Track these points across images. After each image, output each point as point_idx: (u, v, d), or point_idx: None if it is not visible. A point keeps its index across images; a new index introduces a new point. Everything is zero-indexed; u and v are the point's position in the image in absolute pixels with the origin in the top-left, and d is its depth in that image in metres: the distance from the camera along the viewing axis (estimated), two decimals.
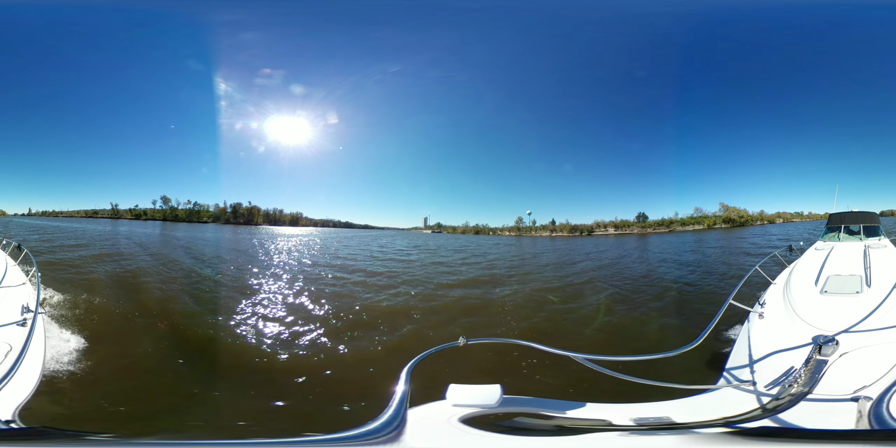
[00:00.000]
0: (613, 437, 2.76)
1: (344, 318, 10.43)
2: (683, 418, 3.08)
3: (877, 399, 2.82)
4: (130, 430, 5.47)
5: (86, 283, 12.75)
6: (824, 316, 4.86)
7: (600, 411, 3.22)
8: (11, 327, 5.27)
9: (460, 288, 15.03)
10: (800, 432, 2.89)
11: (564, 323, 10.72)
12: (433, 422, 2.82)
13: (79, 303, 9.93)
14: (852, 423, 2.84)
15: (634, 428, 2.94)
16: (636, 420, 3.06)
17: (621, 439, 2.75)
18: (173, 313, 10.41)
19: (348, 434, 2.52)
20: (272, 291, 13.53)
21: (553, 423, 3.03)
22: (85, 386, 6.27)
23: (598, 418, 3.10)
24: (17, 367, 4.08)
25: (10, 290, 6.55)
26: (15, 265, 7.92)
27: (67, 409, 5.64)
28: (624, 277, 17.16)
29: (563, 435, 2.88)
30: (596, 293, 13.91)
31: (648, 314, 11.25)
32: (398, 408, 2.72)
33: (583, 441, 2.75)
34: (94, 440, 2.90)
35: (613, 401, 3.37)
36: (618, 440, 2.74)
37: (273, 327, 9.75)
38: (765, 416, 2.96)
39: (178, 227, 43.23)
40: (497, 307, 11.96)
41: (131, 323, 9.51)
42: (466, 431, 2.74)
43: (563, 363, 3.70)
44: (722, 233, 40.80)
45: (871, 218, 9.22)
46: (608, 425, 3.00)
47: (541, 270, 20.78)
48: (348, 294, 13.32)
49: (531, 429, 2.92)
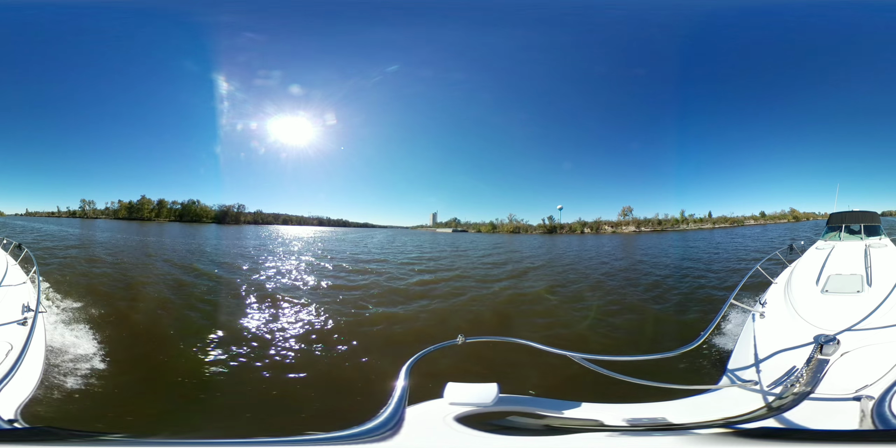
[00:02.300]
0: (602, 438, 2.77)
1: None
2: (683, 419, 3.08)
3: (879, 398, 2.82)
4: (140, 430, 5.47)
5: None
6: (825, 315, 4.85)
7: (595, 411, 3.23)
8: (12, 326, 5.27)
9: None
10: (800, 433, 2.89)
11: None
12: (429, 420, 2.85)
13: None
14: (856, 423, 2.83)
15: (628, 428, 2.95)
16: (631, 420, 3.07)
17: (610, 439, 2.77)
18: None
19: (347, 432, 2.54)
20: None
21: (543, 423, 3.05)
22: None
23: (590, 418, 3.12)
24: (17, 366, 4.07)
25: (11, 289, 6.55)
26: (15, 265, 7.92)
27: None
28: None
29: (553, 434, 2.90)
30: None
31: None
32: (397, 406, 2.75)
33: (572, 441, 2.77)
34: (105, 440, 2.91)
35: (613, 401, 3.37)
36: (606, 440, 2.76)
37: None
38: (767, 416, 2.95)
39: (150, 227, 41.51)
40: None
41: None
42: (460, 431, 2.77)
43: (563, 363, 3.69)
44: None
45: (871, 217, 9.23)
46: (599, 425, 3.01)
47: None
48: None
49: (523, 428, 2.94)
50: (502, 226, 48.86)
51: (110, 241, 27.54)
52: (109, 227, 38.39)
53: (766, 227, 43.70)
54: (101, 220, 45.48)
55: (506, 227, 48.51)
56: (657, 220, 44.64)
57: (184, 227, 43.54)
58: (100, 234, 32.31)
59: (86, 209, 46.35)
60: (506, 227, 48.51)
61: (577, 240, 40.38)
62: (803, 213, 45.11)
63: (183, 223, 46.81)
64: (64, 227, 35.57)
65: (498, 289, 14.65)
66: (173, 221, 47.58)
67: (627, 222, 44.73)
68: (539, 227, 47.01)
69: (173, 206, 48.56)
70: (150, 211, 47.77)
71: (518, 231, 47.62)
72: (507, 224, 48.49)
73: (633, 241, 37.00)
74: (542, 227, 46.89)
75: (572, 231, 46.03)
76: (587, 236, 44.18)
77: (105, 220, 45.70)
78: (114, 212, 47.32)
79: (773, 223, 45.24)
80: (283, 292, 13.00)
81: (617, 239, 39.69)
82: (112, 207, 47.33)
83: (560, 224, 46.51)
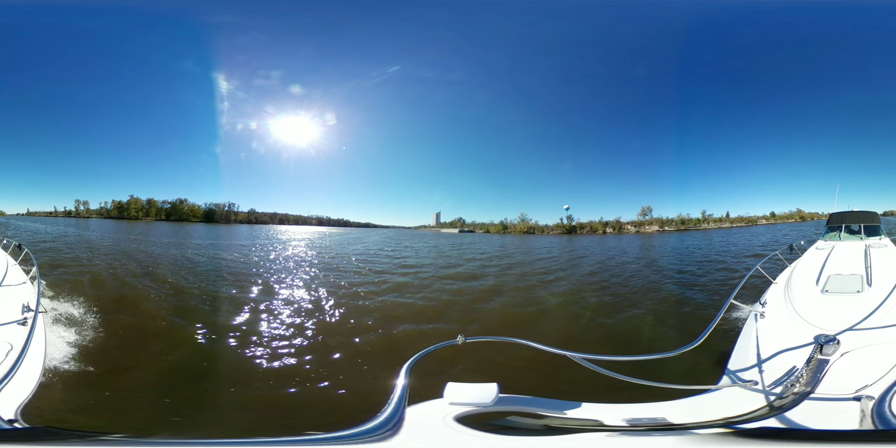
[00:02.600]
0: (602, 438, 2.78)
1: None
2: (682, 419, 3.08)
3: (879, 398, 2.82)
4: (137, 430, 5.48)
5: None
6: (825, 315, 4.85)
7: (594, 411, 3.23)
8: (12, 326, 5.28)
9: None
10: (800, 433, 2.89)
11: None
12: (429, 420, 2.85)
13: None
14: (855, 423, 2.83)
15: (627, 428, 2.96)
16: (631, 420, 3.08)
17: (610, 439, 2.77)
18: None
19: (347, 432, 2.54)
20: None
21: (543, 423, 3.06)
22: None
23: (589, 418, 3.12)
24: (18, 366, 4.07)
25: (10, 289, 6.55)
26: (15, 265, 7.92)
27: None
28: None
29: (552, 435, 2.91)
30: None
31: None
32: (397, 405, 2.76)
33: (571, 441, 2.77)
34: (104, 440, 2.92)
35: (613, 401, 3.37)
36: (606, 440, 2.76)
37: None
38: (767, 416, 2.96)
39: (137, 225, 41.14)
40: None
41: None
42: (460, 431, 2.78)
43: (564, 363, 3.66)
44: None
45: (871, 217, 9.22)
46: (599, 425, 3.02)
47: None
48: None
49: (522, 428, 2.95)
50: (513, 226, 45.93)
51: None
52: (84, 226, 38.18)
53: (776, 225, 43.76)
54: (94, 220, 45.58)
55: (518, 227, 45.49)
56: (680, 219, 43.97)
57: (168, 225, 43.29)
58: (57, 229, 31.94)
59: (80, 209, 46.54)
60: (518, 227, 45.49)
61: (612, 241, 37.27)
62: (808, 213, 45.33)
63: (170, 222, 46.73)
64: (42, 226, 35.52)
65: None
66: (161, 221, 47.44)
67: (651, 222, 43.25)
68: (557, 226, 44.18)
69: (164, 205, 48.53)
70: (137, 210, 47.76)
71: (532, 231, 44.69)
72: (519, 224, 45.42)
73: (678, 240, 34.24)
74: (559, 226, 44.00)
75: (593, 231, 43.68)
76: (611, 237, 41.62)
77: (97, 220, 45.77)
78: (106, 211, 47.40)
79: (783, 222, 45.53)
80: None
81: (655, 239, 37.06)
82: (106, 207, 47.48)
83: (580, 224, 43.96)
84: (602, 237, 41.77)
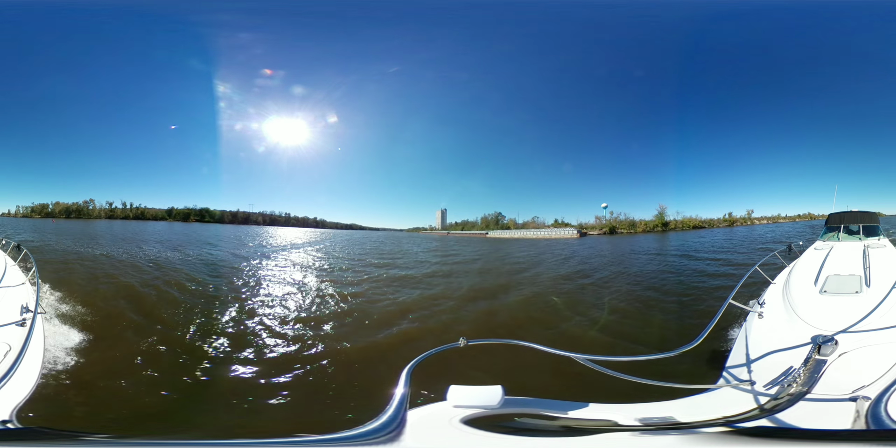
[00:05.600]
0: (625, 437, 2.75)
1: None
2: (685, 418, 3.09)
3: (875, 399, 2.83)
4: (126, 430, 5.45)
5: None
6: (823, 316, 4.86)
7: (605, 411, 3.21)
8: (11, 327, 5.26)
9: None
10: (798, 432, 2.89)
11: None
12: (434, 422, 2.80)
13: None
14: (850, 423, 2.84)
15: (641, 428, 2.93)
16: (641, 420, 3.06)
17: (631, 439, 2.74)
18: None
19: (347, 434, 2.51)
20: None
21: (558, 424, 3.01)
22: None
23: (603, 418, 3.09)
24: (15, 367, 4.07)
25: (10, 289, 6.54)
26: (14, 265, 7.91)
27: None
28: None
29: (569, 435, 2.87)
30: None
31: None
32: (398, 408, 2.71)
33: (591, 441, 2.74)
34: (90, 440, 2.89)
35: (613, 401, 3.37)
36: (628, 440, 2.73)
37: None
38: (763, 416, 2.96)
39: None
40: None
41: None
42: (469, 432, 2.72)
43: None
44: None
45: (870, 218, 9.24)
46: (614, 425, 2.99)
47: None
48: None
49: (536, 429, 2.91)
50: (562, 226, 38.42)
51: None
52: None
53: (795, 223, 43.79)
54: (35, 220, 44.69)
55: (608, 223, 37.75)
56: (732, 218, 43.34)
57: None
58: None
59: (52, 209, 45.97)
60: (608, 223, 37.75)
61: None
62: (816, 215, 45.49)
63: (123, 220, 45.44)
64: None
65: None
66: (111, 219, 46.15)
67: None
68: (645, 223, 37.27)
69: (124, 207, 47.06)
70: (91, 211, 46.53)
71: (586, 233, 38.21)
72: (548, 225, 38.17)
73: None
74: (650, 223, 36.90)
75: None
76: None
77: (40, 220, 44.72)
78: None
79: (799, 220, 45.97)
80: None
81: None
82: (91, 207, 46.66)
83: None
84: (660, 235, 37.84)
